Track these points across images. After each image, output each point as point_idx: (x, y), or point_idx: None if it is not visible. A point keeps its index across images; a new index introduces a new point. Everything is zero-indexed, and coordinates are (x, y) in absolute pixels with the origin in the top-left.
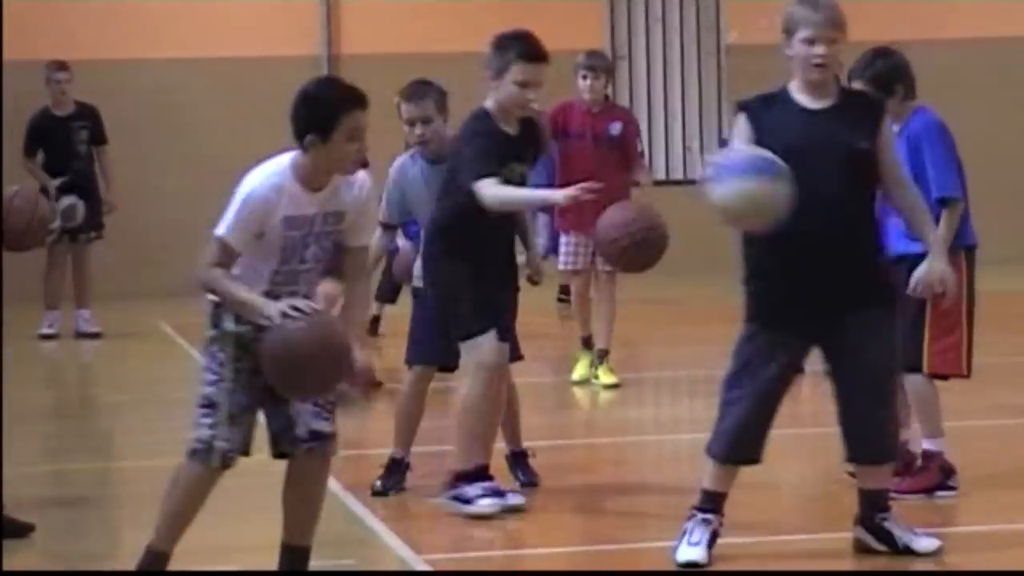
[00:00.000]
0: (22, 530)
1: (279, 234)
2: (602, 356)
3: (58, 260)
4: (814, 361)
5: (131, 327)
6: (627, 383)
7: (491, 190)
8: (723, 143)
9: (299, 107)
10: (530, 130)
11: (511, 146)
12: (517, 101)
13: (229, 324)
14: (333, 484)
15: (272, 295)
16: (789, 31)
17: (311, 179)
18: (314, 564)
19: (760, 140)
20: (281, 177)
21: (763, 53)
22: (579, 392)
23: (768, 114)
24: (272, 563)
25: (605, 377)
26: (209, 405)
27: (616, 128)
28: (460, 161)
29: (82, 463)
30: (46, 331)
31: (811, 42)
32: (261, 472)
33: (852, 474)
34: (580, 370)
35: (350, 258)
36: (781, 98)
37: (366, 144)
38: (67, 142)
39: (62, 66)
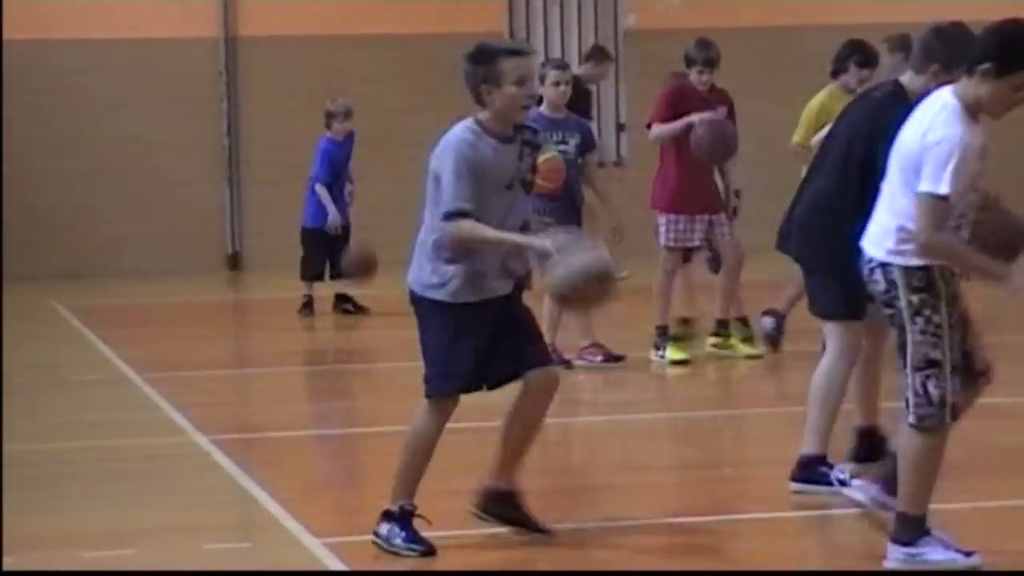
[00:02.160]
0: None
1: None
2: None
3: None
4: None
5: (27, 309)
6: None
7: None
8: (620, 127)
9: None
10: None
11: None
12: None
13: (940, 284)
14: (232, 468)
15: None
16: None
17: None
18: (211, 547)
19: None
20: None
21: (660, 38)
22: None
23: None
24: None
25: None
26: (933, 364)
27: (722, 113)
28: (866, 131)
29: None
30: None
31: None
32: (149, 458)
33: None
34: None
35: None
36: None
37: None
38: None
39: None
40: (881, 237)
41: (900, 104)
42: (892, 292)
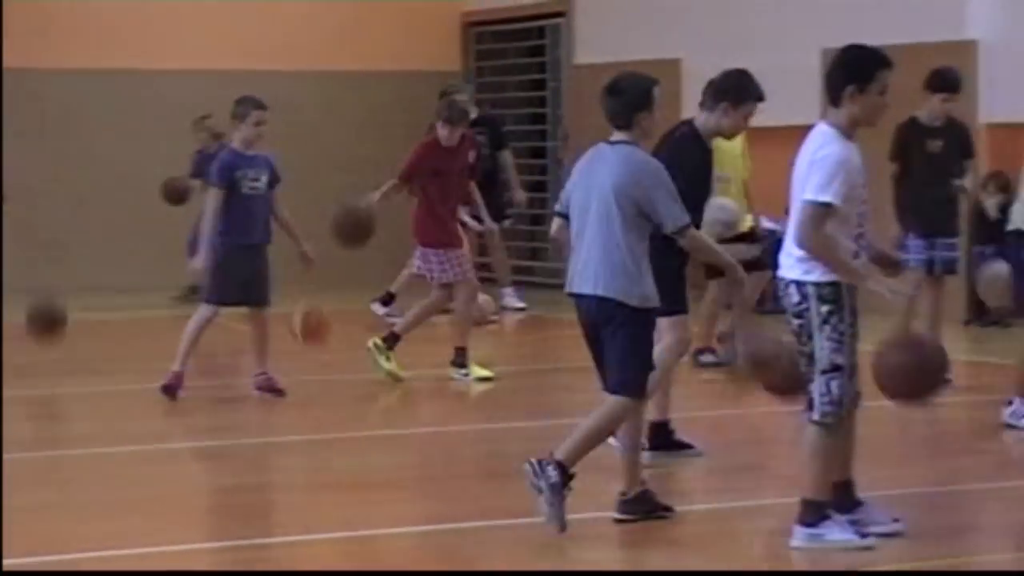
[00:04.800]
0: None
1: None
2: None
3: None
4: None
5: None
6: None
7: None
8: None
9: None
10: None
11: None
12: (740, 127)
13: (845, 297)
14: None
15: None
16: None
17: None
18: None
19: None
20: None
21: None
22: None
23: None
24: None
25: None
26: (837, 368)
27: (472, 157)
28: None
29: None
30: None
31: None
32: None
33: None
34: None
35: None
36: None
37: None
38: None
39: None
40: (792, 261)
41: (699, 142)
42: (804, 304)
